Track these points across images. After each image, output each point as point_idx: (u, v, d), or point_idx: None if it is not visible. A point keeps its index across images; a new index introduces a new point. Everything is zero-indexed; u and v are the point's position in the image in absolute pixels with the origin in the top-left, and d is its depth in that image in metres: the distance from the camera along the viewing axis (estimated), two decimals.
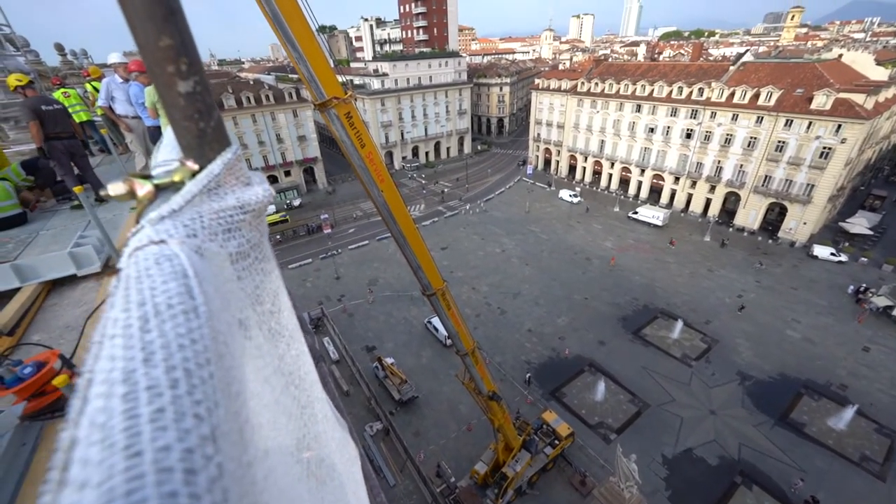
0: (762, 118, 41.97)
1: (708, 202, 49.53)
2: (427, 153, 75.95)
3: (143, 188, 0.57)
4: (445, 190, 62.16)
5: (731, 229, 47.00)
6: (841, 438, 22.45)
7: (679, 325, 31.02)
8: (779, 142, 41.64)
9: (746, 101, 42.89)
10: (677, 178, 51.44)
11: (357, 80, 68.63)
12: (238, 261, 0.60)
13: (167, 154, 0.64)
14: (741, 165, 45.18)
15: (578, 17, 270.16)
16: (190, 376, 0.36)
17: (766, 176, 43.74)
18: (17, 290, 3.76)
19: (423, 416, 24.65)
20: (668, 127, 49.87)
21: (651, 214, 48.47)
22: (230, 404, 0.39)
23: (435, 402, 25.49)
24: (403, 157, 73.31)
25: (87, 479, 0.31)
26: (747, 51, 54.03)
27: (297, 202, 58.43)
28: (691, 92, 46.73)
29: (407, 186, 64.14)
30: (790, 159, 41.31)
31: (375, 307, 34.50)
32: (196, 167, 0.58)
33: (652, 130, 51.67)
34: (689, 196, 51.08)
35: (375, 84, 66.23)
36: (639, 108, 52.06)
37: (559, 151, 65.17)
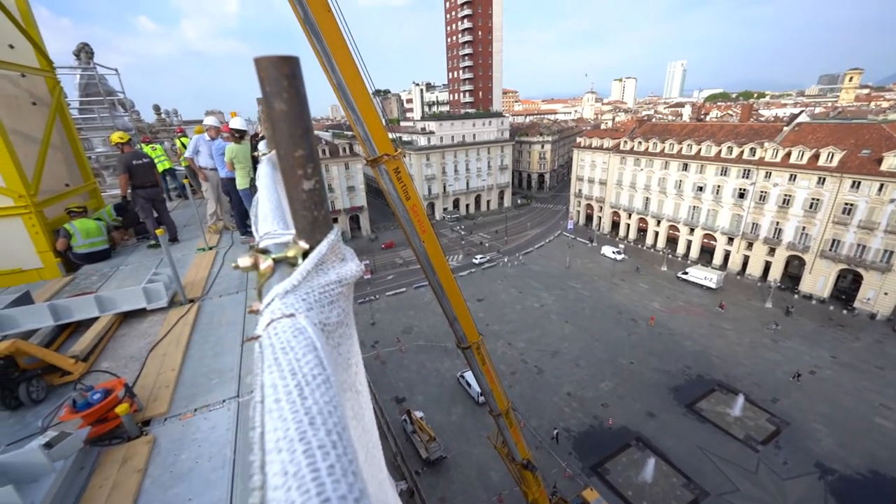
0: (824, 179, 39.71)
1: (767, 265, 46.10)
2: (467, 205, 78.08)
3: (265, 263, 0.68)
4: (484, 242, 62.77)
5: (796, 296, 42.97)
6: None
7: (741, 400, 27.76)
8: (846, 204, 38.84)
9: (805, 161, 41.03)
10: (731, 239, 48.77)
11: (405, 137, 73.73)
12: (336, 329, 0.69)
13: (269, 226, 0.79)
14: (804, 228, 42.23)
15: (620, 80, 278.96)
16: (341, 438, 0.44)
17: (833, 240, 40.41)
18: (95, 318, 4.17)
19: (451, 479, 23.05)
20: (719, 186, 48.34)
21: (703, 276, 45.67)
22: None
23: (464, 464, 23.88)
24: (444, 209, 75.71)
25: None
26: (802, 111, 52.65)
27: None
28: (742, 152, 45.60)
29: (446, 237, 65.52)
30: (861, 223, 38.13)
31: (408, 356, 34.06)
32: (307, 246, 0.71)
33: (701, 189, 50.25)
34: (746, 258, 47.94)
35: (422, 141, 70.69)
36: (685, 167, 51.24)
37: (601, 207, 64.60)
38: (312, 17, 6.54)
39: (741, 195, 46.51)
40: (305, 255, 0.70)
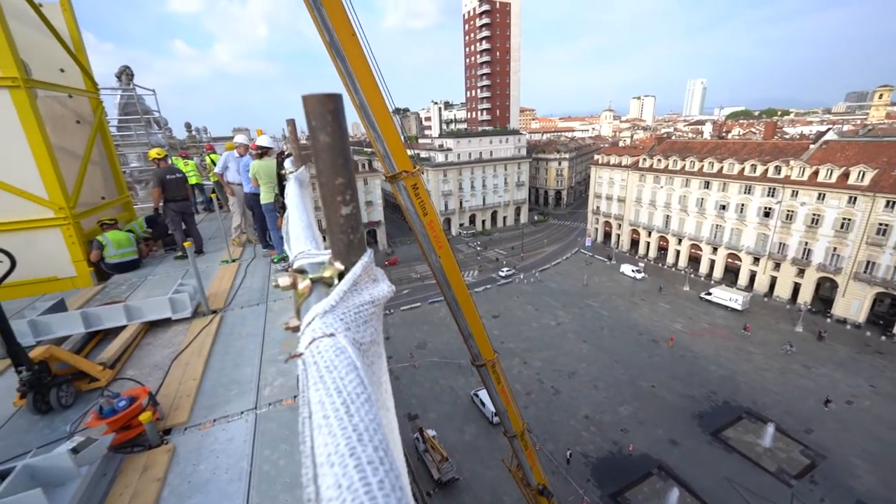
0: (855, 198, 38.23)
1: (797, 287, 44.23)
2: (483, 221, 78.18)
3: (303, 283, 0.71)
4: (500, 258, 62.47)
5: (829, 320, 40.92)
6: None
7: (771, 430, 26.29)
8: (880, 224, 37.18)
9: (834, 180, 39.68)
10: (756, 259, 47.17)
11: (423, 154, 74.94)
12: (370, 348, 0.71)
13: (302, 245, 0.83)
14: (835, 248, 40.51)
15: (639, 98, 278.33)
16: (387, 454, 0.46)
17: (868, 262, 38.57)
18: (122, 327, 4.31)
19: (463, 502, 22.41)
20: (743, 204, 47.12)
21: (727, 297, 44.10)
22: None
23: (477, 487, 23.22)
24: (461, 225, 75.98)
25: None
26: (829, 129, 51.25)
27: None
28: (766, 170, 44.50)
29: (462, 252, 65.53)
30: None
31: (421, 372, 33.76)
32: (342, 268, 0.73)
33: (723, 208, 49.06)
34: (773, 279, 46.16)
35: (440, 157, 71.68)
36: (707, 185, 50.25)
37: (620, 225, 63.68)
38: (338, 41, 6.83)
39: (766, 214, 45.15)
40: (341, 275, 0.74)
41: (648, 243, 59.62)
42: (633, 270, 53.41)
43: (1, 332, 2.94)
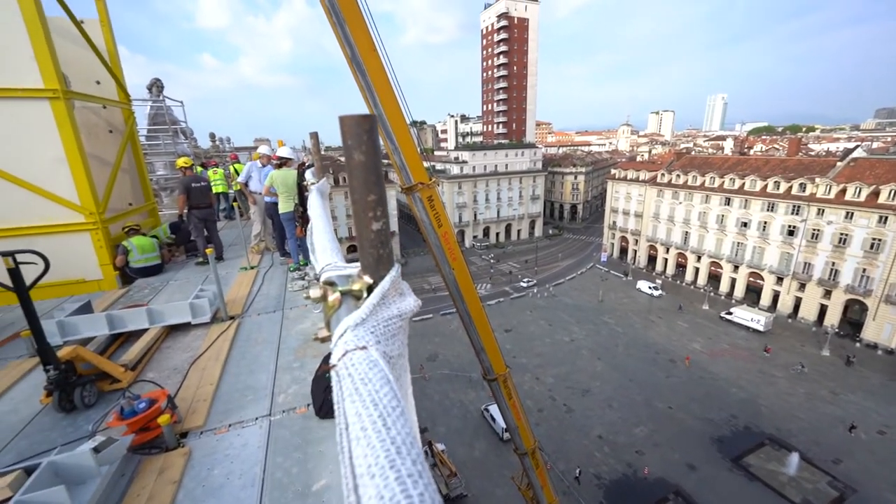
0: (886, 218, 36.80)
1: (823, 309, 42.52)
2: (497, 234, 78.01)
3: (333, 295, 0.74)
4: (514, 272, 62.05)
5: (858, 344, 39.11)
6: None
7: (796, 458, 25.05)
8: None
9: (863, 198, 38.36)
10: (780, 279, 45.65)
11: (439, 166, 75.62)
12: (397, 361, 0.73)
13: (329, 258, 0.86)
14: (864, 270, 38.92)
15: (657, 113, 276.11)
16: (424, 467, 0.47)
17: None
18: (144, 330, 4.44)
19: None
20: (765, 222, 45.88)
21: (749, 317, 42.68)
22: None
23: None
24: (475, 237, 75.97)
25: None
26: (857, 146, 49.77)
27: None
28: (791, 187, 43.36)
29: (475, 264, 65.37)
30: None
31: (431, 385, 33.48)
32: (370, 281, 0.76)
33: (745, 225, 47.86)
34: (798, 300, 44.52)
35: (455, 170, 72.21)
36: (728, 202, 49.18)
37: (637, 241, 62.67)
38: (359, 56, 7.03)
39: (790, 233, 43.83)
40: (370, 289, 0.76)
41: (666, 260, 58.43)
42: (650, 287, 52.32)
43: (32, 332, 3.07)
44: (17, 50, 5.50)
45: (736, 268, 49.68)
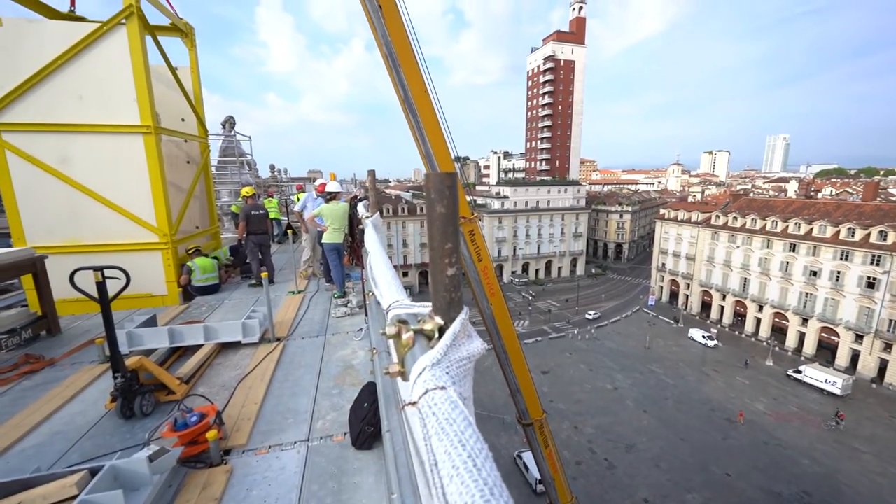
0: None
1: None
2: (537, 270, 76.51)
3: (407, 333, 0.77)
4: (553, 310, 60.05)
5: None
6: None
7: None
8: None
9: None
10: (859, 336, 40.59)
11: (480, 200, 76.63)
12: (467, 404, 0.75)
13: (395, 295, 0.91)
14: None
15: (711, 152, 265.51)
16: None
17: None
18: (199, 345, 4.72)
19: None
20: (838, 272, 41.60)
21: (822, 378, 37.90)
22: None
23: None
24: (513, 272, 74.96)
25: None
26: None
27: None
28: (868, 234, 39.36)
29: (513, 300, 64.04)
30: None
31: None
32: (441, 322, 0.78)
33: (814, 274, 43.63)
34: (883, 362, 39.11)
35: (496, 204, 72.78)
36: (794, 248, 45.35)
37: (689, 285, 58.87)
38: (411, 98, 7.49)
39: (870, 285, 39.29)
40: (440, 329, 0.80)
41: (722, 307, 54.11)
42: (704, 336, 48.37)
43: (108, 340, 3.37)
44: (124, 93, 6.42)
45: (805, 321, 44.91)
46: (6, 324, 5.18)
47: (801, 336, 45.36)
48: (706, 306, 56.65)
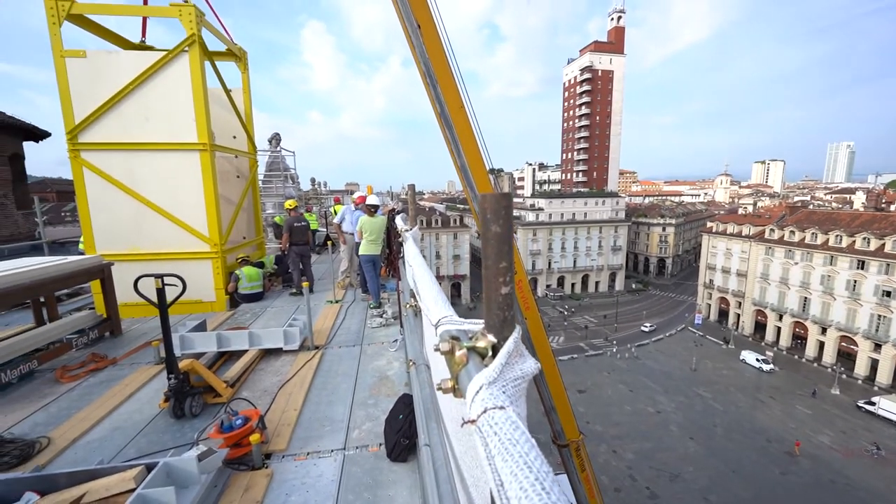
0: None
1: None
2: (573, 284, 74.34)
3: (460, 351, 0.77)
4: (590, 326, 57.92)
5: None
6: None
7: None
8: None
9: None
10: None
11: (514, 212, 75.89)
12: (524, 424, 0.72)
13: (443, 310, 0.92)
14: None
15: (763, 162, 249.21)
16: None
17: None
18: (244, 351, 4.94)
19: None
20: None
21: None
22: None
23: None
24: (548, 286, 73.28)
25: None
26: None
27: None
28: None
29: (548, 315, 62.45)
30: None
31: None
32: (495, 340, 0.78)
33: (888, 294, 39.46)
34: None
35: (530, 217, 71.87)
36: (862, 265, 41.35)
37: (740, 304, 54.94)
38: (448, 113, 7.60)
39: None
40: (493, 347, 0.79)
41: (779, 329, 49.97)
42: (758, 360, 44.78)
43: (164, 343, 3.60)
44: (184, 114, 6.97)
45: (878, 346, 40.50)
46: (77, 325, 5.67)
47: (874, 363, 40.88)
48: (760, 327, 52.55)
